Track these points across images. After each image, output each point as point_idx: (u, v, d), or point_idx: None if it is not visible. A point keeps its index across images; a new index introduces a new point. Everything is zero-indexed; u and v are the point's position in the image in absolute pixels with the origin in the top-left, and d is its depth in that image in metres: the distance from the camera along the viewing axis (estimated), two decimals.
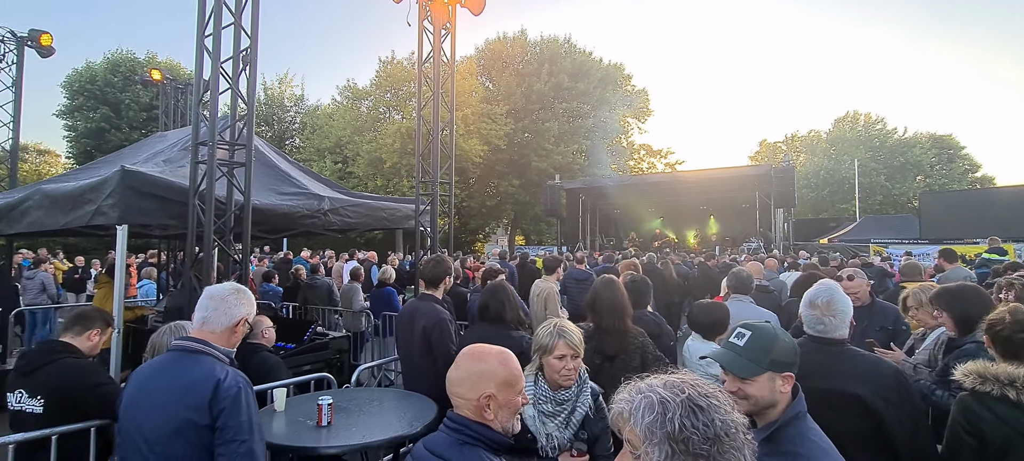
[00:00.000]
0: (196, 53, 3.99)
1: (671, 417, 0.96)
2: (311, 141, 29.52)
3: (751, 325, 1.67)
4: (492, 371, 1.45)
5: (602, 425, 2.09)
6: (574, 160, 27.78)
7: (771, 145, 42.23)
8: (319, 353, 5.31)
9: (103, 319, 2.87)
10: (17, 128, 7.46)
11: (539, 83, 26.65)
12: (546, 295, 4.82)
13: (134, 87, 25.56)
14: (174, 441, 1.75)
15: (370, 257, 12.91)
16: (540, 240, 30.26)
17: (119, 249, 3.67)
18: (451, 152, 5.84)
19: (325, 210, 5.08)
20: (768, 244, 15.72)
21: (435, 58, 5.73)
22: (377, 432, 2.51)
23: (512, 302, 3.07)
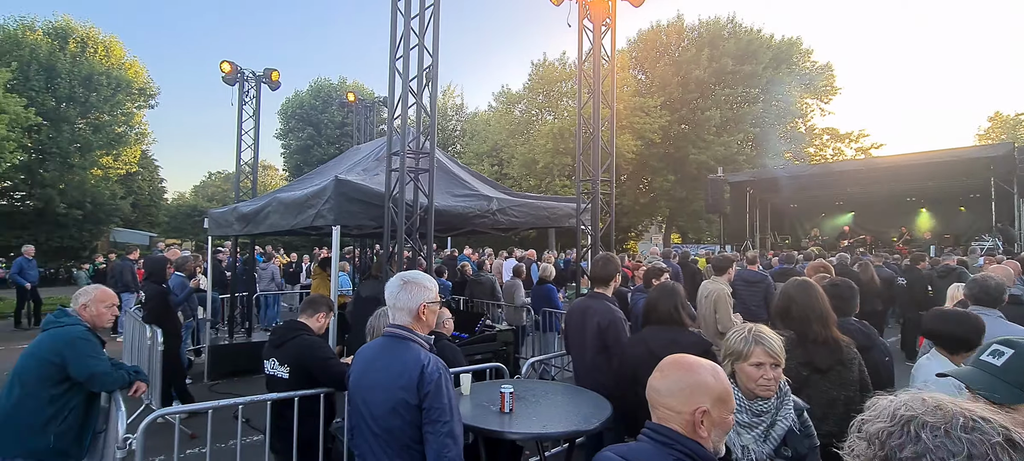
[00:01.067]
0: (389, 74, 4.56)
1: (876, 424, 0.86)
2: (470, 146, 31.74)
3: (1014, 342, 1.37)
4: (706, 384, 1.35)
5: (809, 443, 1.86)
6: (739, 150, 25.39)
7: (1009, 119, 33.52)
8: (489, 344, 5.66)
9: (327, 305, 3.45)
10: (257, 149, 9.35)
11: (698, 70, 24.91)
12: (716, 297, 4.47)
13: (330, 108, 30.25)
14: (392, 417, 2.01)
15: (529, 255, 13.40)
16: (699, 239, 28.30)
17: (334, 246, 4.37)
18: (611, 149, 5.76)
19: (494, 210, 5.40)
20: (1010, 242, 12.46)
21: (595, 56, 5.70)
22: (556, 423, 2.58)
23: (686, 304, 2.90)
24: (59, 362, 2.87)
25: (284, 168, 33.59)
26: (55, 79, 22.20)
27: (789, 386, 1.93)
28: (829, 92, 27.85)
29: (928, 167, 15.07)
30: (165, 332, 5.32)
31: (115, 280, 11.07)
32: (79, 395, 2.98)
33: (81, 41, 23.66)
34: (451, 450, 1.95)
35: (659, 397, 1.39)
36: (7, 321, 12.24)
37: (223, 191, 42.03)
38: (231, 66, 8.87)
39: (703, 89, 25.74)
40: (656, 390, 1.40)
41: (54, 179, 22.16)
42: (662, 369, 1.43)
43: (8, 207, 22.26)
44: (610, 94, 5.94)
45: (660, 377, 1.41)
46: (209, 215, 7.72)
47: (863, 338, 2.80)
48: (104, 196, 23.85)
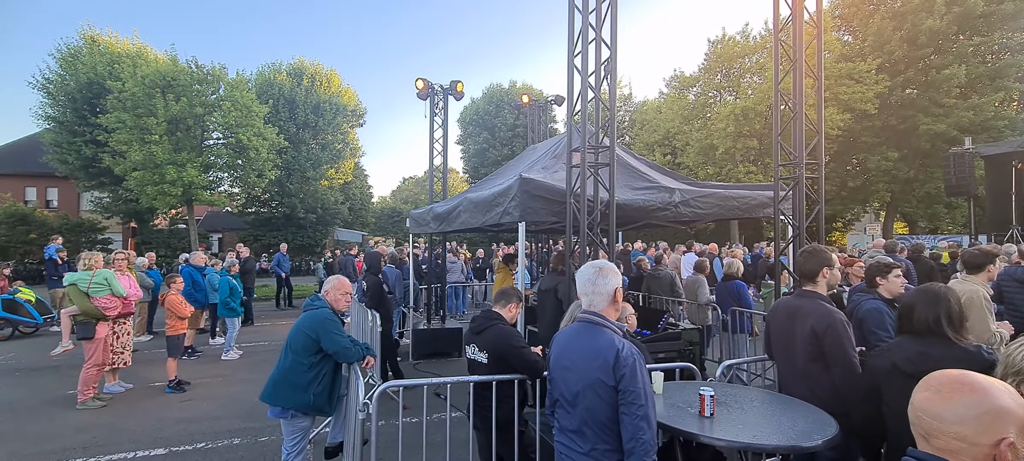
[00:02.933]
0: (567, 71, 4.62)
1: None
2: (640, 136, 30.70)
3: None
4: (1009, 409, 1.09)
5: None
6: (997, 115, 19.87)
7: None
8: (673, 342, 5.40)
9: (518, 296, 3.66)
10: (446, 155, 10.40)
11: (931, 18, 20.11)
12: (968, 301, 3.51)
13: (503, 112, 32.14)
14: (589, 395, 2.11)
15: (711, 249, 12.45)
16: (935, 228, 22.98)
17: (520, 241, 4.61)
18: (819, 127, 4.98)
19: (676, 202, 5.11)
20: None
21: (796, 18, 4.99)
22: (768, 435, 2.31)
23: (951, 313, 2.32)
24: (314, 337, 3.58)
25: (463, 171, 36.76)
26: (295, 110, 27.88)
27: None
28: None
29: None
30: (381, 316, 6.25)
31: (341, 272, 13.47)
32: (329, 364, 3.68)
33: (311, 76, 29.25)
34: (645, 432, 2.01)
35: (941, 425, 1.14)
36: (269, 302, 15.78)
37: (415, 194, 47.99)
38: (424, 83, 10.00)
39: (939, 42, 20.74)
40: (938, 417, 1.15)
41: (296, 190, 27.93)
42: (940, 390, 1.16)
43: (268, 213, 28.81)
44: (816, 63, 5.14)
45: (940, 400, 1.15)
46: (410, 216, 8.82)
47: None
48: (329, 203, 29.26)
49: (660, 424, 2.54)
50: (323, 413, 3.78)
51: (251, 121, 21.26)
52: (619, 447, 2.06)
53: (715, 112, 24.76)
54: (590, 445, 2.11)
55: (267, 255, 25.28)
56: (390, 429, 4.85)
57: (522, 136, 27.88)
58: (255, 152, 21.40)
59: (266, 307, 15.19)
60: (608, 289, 2.22)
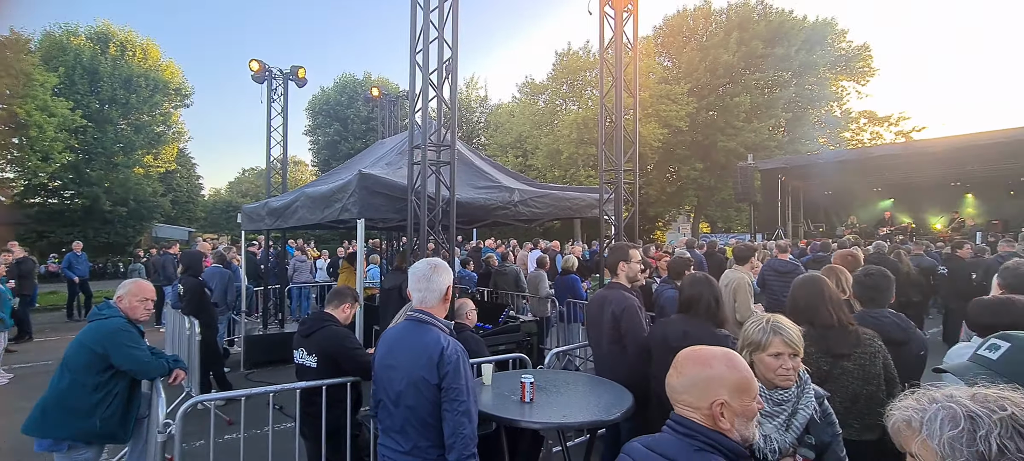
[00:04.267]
0: (409, 68, 4.60)
1: (984, 435, 0.82)
2: (494, 138, 31.77)
3: (1011, 336, 1.34)
4: (722, 376, 1.34)
5: (832, 432, 1.83)
6: (770, 137, 24.68)
7: None
8: (512, 334, 5.71)
9: (353, 296, 3.54)
10: (285, 145, 9.58)
11: (726, 54, 24.24)
12: (736, 286, 4.36)
13: (356, 104, 30.72)
14: (411, 393, 2.13)
15: (553, 246, 13.38)
16: (728, 227, 27.74)
17: (359, 238, 4.46)
18: (635, 138, 5.69)
19: (515, 202, 5.41)
20: None
21: (617, 43, 5.62)
22: (577, 413, 2.59)
23: (719, 297, 2.84)
24: (102, 352, 3.04)
25: (313, 163, 34.33)
26: (98, 82, 23.12)
27: (809, 375, 1.89)
28: (866, 74, 26.70)
29: (974, 150, 14.33)
30: (202, 323, 5.55)
31: (157, 274, 11.58)
32: (122, 382, 3.14)
33: (120, 45, 24.58)
34: (466, 427, 2.07)
35: (676, 394, 1.39)
36: (60, 313, 12.94)
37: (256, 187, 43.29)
38: (260, 64, 9.09)
39: (732, 74, 25.08)
40: (673, 388, 1.40)
41: (100, 178, 23.13)
42: (677, 366, 1.41)
43: (59, 205, 23.39)
44: (633, 82, 5.86)
45: (676, 374, 1.40)
46: (242, 211, 7.96)
47: (899, 332, 2.70)
48: (146, 193, 24.82)
49: (486, 413, 2.69)
50: (116, 440, 3.22)
51: (32, 92, 17.12)
52: (441, 443, 2.10)
53: (561, 119, 26.70)
54: (412, 443, 2.13)
55: (57, 256, 20.54)
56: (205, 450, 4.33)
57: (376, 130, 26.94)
58: (38, 130, 17.29)
59: (54, 318, 12.43)
60: (441, 287, 2.26)
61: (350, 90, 31.68)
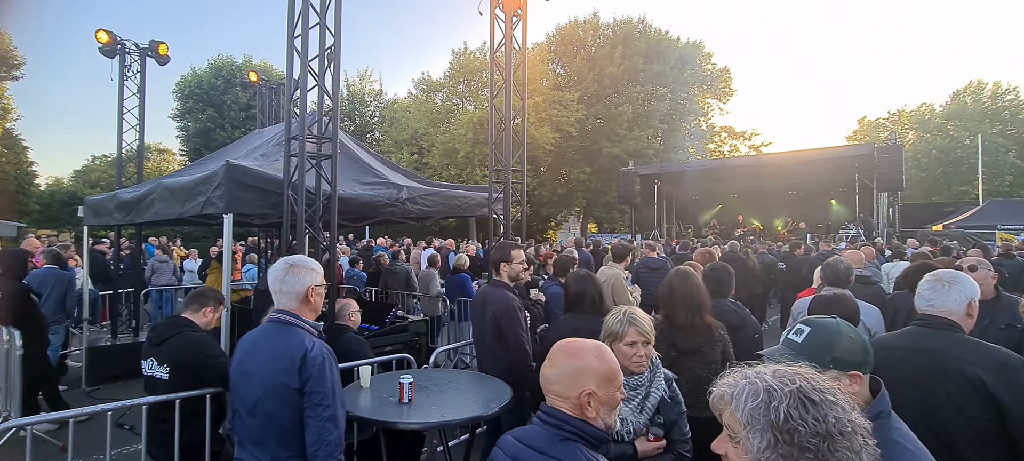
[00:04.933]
0: (287, 54, 4.30)
1: (776, 406, 0.93)
2: (389, 134, 30.88)
3: (812, 320, 1.55)
4: (591, 367, 1.41)
5: (678, 411, 2.05)
6: (649, 145, 26.90)
7: (872, 123, 38.25)
8: (399, 335, 5.60)
9: (216, 298, 3.22)
10: (142, 130, 8.43)
11: (612, 66, 25.97)
12: (613, 282, 4.69)
13: (234, 89, 28.04)
14: (269, 400, 1.98)
15: (447, 245, 13.33)
16: (613, 228, 29.71)
17: (226, 235, 4.08)
18: (523, 140, 5.86)
19: (403, 199, 5.30)
20: (870, 231, 14.31)
21: (507, 46, 5.75)
22: (455, 411, 2.61)
23: (602, 291, 3.03)
24: None
25: (182, 152, 30.69)
26: None
27: (660, 360, 2.10)
28: (727, 93, 30.28)
29: (805, 164, 17.00)
30: (26, 334, 4.71)
31: None
32: None
33: None
34: (332, 433, 1.97)
35: (548, 385, 1.44)
36: None
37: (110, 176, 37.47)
38: (109, 36, 7.91)
39: (616, 85, 26.92)
40: (546, 379, 1.45)
41: None
42: (551, 357, 1.47)
43: None
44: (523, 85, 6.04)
45: (550, 366, 1.46)
46: (86, 203, 6.89)
47: (736, 319, 3.10)
48: None
49: (362, 417, 2.61)
50: None
51: None
52: (302, 453, 1.98)
53: (457, 118, 26.71)
54: (271, 455, 1.99)
55: None
56: None
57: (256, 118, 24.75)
58: None
59: None
60: (298, 287, 2.11)
61: (227, 74, 28.83)
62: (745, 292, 7.93)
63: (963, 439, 1.93)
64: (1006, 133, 29.01)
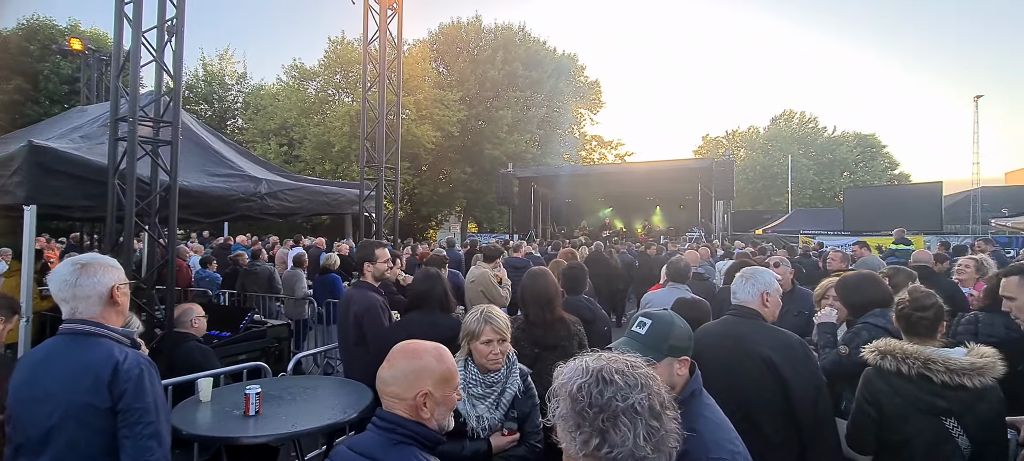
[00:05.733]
0: (115, 21, 3.71)
1: (576, 381, 1.07)
2: (255, 122, 28.15)
3: (651, 314, 1.74)
4: (429, 368, 1.40)
5: (531, 403, 2.16)
6: (527, 149, 27.93)
7: (713, 140, 44.09)
8: (255, 341, 5.15)
9: (8, 306, 2.66)
10: None
11: (493, 70, 26.51)
12: (484, 282, 4.83)
13: (54, 57, 23.48)
14: (69, 427, 1.66)
15: (317, 243, 12.50)
16: (492, 228, 30.33)
17: (27, 230, 3.40)
18: (397, 136, 5.75)
19: (262, 194, 4.88)
20: (709, 234, 16.44)
21: (382, 38, 5.60)
22: (309, 420, 2.46)
23: (446, 289, 3.06)
24: None
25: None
26: None
27: (516, 356, 2.20)
28: (597, 105, 32.61)
29: (659, 173, 19.08)
30: None
31: None
32: None
33: None
34: (155, 452, 1.71)
35: (384, 386, 1.41)
36: None
37: None
38: None
39: (497, 89, 27.54)
40: (382, 380, 1.42)
41: None
42: (389, 358, 1.45)
43: None
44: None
45: (387, 367, 1.43)
46: None
47: (588, 313, 3.36)
48: None
49: (200, 435, 2.36)
50: None
51: None
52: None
53: (334, 110, 25.24)
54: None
55: None
56: None
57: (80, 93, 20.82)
58: None
59: None
60: (100, 288, 1.77)
61: (45, 38, 24.01)
62: (608, 288, 8.64)
63: (759, 408, 2.32)
64: (808, 155, 35.30)
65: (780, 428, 2.33)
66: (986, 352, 2.12)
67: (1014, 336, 2.58)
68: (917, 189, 18.50)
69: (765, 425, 2.36)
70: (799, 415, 2.29)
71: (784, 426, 2.33)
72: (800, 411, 2.29)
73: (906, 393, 2.12)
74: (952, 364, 2.08)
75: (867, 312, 2.75)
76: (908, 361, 2.13)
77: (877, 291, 2.74)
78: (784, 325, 3.73)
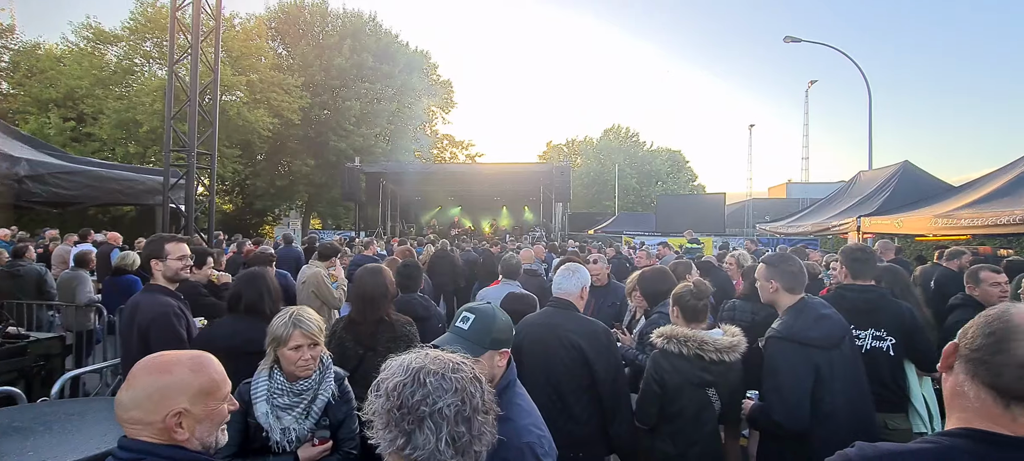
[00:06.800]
0: None
1: (394, 379, 1.09)
2: (28, 88, 22.49)
3: (475, 308, 1.79)
4: (181, 382, 1.22)
5: (347, 409, 2.06)
6: (376, 144, 26.91)
7: (556, 146, 47.81)
8: (11, 361, 4.14)
9: None
10: None
11: (340, 58, 25.00)
12: (316, 283, 4.51)
13: None
14: None
15: (110, 239, 10.46)
16: (338, 225, 28.62)
17: None
18: (214, 117, 5.08)
19: (21, 176, 3.92)
20: (549, 234, 17.65)
21: (195, 6, 4.90)
22: (60, 454, 2.02)
23: (272, 291, 2.79)
24: None
25: None
26: None
27: (332, 359, 2.09)
28: (449, 104, 32.84)
29: (506, 175, 19.98)
30: None
31: None
32: None
33: None
34: None
35: (124, 412, 1.20)
36: None
37: None
38: None
39: (345, 78, 26.09)
40: (121, 404, 1.21)
41: None
42: (129, 378, 1.24)
43: None
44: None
45: (126, 388, 1.22)
46: None
47: (422, 310, 3.36)
48: None
49: None
50: None
51: None
52: None
53: (142, 83, 21.37)
54: None
55: None
56: None
57: None
58: None
59: None
60: None
61: None
62: (452, 285, 8.74)
63: (569, 390, 2.56)
64: (632, 165, 40.25)
65: (586, 406, 2.60)
66: (736, 331, 2.61)
67: (757, 319, 3.22)
68: (708, 198, 23.05)
69: (574, 406, 2.60)
70: (602, 394, 2.58)
71: (589, 404, 2.60)
72: (603, 390, 2.57)
73: (684, 370, 2.51)
74: (718, 344, 2.52)
75: (660, 302, 3.21)
76: (688, 343, 2.52)
77: (666, 283, 3.19)
78: (601, 314, 4.21)
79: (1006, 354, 0.99)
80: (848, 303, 3.02)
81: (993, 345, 1.01)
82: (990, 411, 1.02)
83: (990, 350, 1.01)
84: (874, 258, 3.23)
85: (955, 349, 1.09)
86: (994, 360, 1.00)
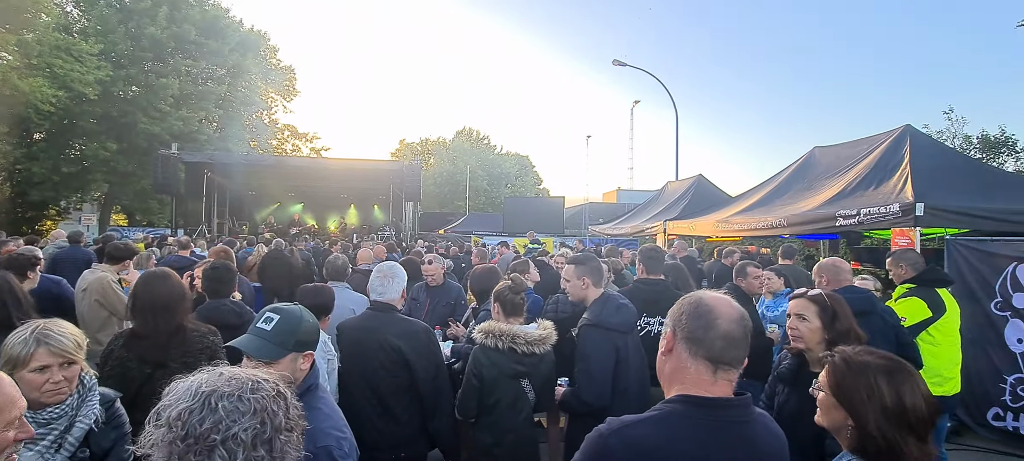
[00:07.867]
0: None
1: (179, 405, 0.96)
2: None
3: (280, 309, 1.71)
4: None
5: (116, 435, 1.79)
6: (200, 129, 23.63)
7: (409, 145, 47.21)
8: None
9: None
10: None
11: (153, 27, 21.37)
12: (101, 289, 3.78)
13: None
14: None
15: None
16: (150, 221, 24.52)
17: None
18: None
19: None
20: (399, 233, 17.31)
21: None
22: None
23: (20, 301, 2.30)
24: None
25: None
26: None
27: (96, 379, 1.80)
28: (292, 92, 30.28)
29: (355, 172, 19.05)
30: None
31: None
32: None
33: None
34: None
35: None
36: None
37: None
38: None
39: (160, 52, 22.46)
40: None
41: None
42: None
43: None
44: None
45: None
46: None
47: (234, 317, 3.05)
48: None
49: None
50: None
51: None
52: None
53: None
54: None
55: None
56: None
57: None
58: None
59: None
60: None
61: None
62: (289, 287, 8.08)
63: (387, 390, 2.58)
64: (483, 167, 41.51)
65: (407, 406, 2.64)
66: (547, 325, 2.87)
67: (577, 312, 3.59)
68: (550, 201, 25.04)
69: (395, 407, 2.63)
70: (422, 392, 2.64)
71: (410, 403, 2.65)
72: (423, 388, 2.64)
73: (499, 363, 2.68)
74: (530, 337, 2.74)
75: (487, 298, 3.38)
76: (503, 338, 2.69)
77: (493, 281, 3.37)
78: (436, 313, 4.28)
79: (714, 329, 1.28)
80: (642, 294, 3.55)
81: (703, 325, 1.30)
82: (701, 379, 1.30)
83: (702, 329, 1.30)
84: (663, 256, 3.82)
85: (673, 335, 1.36)
86: (706, 337, 1.29)
